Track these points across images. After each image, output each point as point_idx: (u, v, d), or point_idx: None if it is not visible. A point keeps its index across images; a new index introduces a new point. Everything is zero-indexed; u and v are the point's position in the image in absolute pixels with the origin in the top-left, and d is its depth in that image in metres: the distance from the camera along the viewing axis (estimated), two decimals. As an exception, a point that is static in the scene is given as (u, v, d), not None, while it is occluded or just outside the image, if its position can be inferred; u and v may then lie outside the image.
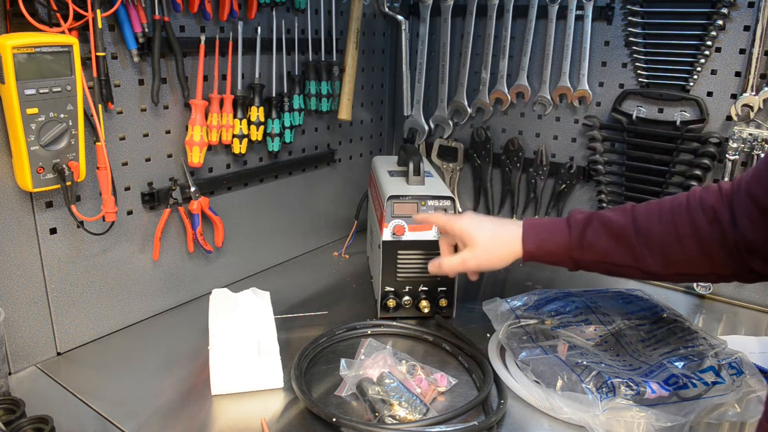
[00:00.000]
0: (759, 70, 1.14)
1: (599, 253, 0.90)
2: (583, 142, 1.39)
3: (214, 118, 1.13)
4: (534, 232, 0.94)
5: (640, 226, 0.87)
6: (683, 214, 0.85)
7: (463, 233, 0.98)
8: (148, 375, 0.97)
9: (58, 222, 0.97)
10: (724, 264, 0.83)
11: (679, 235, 0.84)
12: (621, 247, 0.88)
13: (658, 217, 0.87)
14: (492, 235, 0.96)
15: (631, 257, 0.88)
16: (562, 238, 0.92)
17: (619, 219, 0.89)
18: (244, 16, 1.17)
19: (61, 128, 0.88)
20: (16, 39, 0.81)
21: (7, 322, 0.93)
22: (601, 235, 0.90)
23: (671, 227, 0.85)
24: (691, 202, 0.85)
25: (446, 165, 1.60)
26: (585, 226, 0.91)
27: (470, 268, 0.98)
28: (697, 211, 0.84)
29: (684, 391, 0.85)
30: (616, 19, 1.29)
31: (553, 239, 0.93)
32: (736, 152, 1.18)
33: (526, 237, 0.94)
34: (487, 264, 0.96)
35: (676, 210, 0.86)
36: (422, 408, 0.85)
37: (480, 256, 0.96)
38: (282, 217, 1.40)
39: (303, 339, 1.05)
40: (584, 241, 0.91)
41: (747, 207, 0.79)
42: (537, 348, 0.96)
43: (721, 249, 0.82)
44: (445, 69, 1.49)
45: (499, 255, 0.95)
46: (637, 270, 0.89)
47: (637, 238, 0.87)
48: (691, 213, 0.84)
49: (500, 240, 0.95)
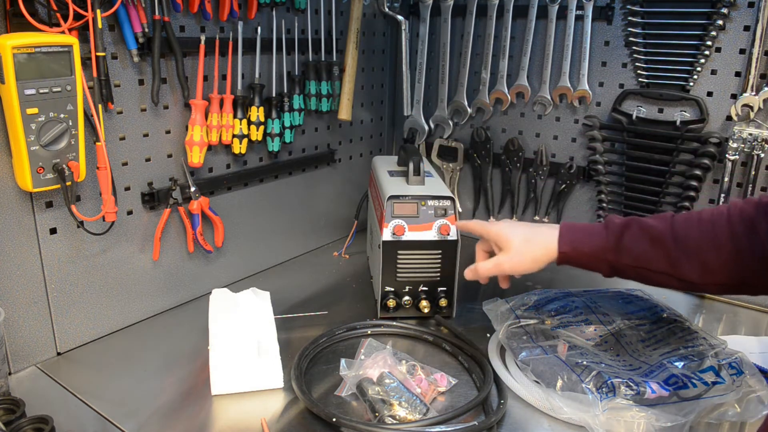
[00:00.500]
0: (759, 70, 1.14)
1: (636, 258, 0.90)
2: (583, 142, 1.39)
3: (214, 118, 1.13)
4: (570, 234, 0.95)
5: (679, 233, 0.87)
6: (723, 223, 0.85)
7: (499, 237, 0.99)
8: (148, 375, 0.97)
9: (58, 222, 0.97)
10: (757, 275, 0.83)
11: (717, 244, 0.85)
12: (658, 252, 0.88)
13: (697, 224, 0.87)
14: (526, 238, 0.97)
15: (668, 263, 0.88)
16: (598, 240, 0.92)
17: (658, 225, 0.89)
18: (244, 16, 1.17)
19: (61, 128, 0.88)
20: (16, 39, 0.81)
21: (7, 322, 0.93)
22: (638, 240, 0.90)
23: (710, 235, 0.86)
24: (732, 212, 0.86)
25: (446, 165, 1.60)
26: (623, 230, 0.91)
27: (505, 271, 0.99)
28: (737, 221, 0.85)
29: (684, 391, 0.85)
30: (616, 19, 1.29)
31: (589, 241, 0.93)
32: (736, 152, 1.18)
33: (561, 238, 0.94)
34: (522, 266, 0.97)
35: (716, 219, 0.86)
36: (422, 408, 0.85)
37: (514, 258, 0.97)
38: (282, 217, 1.40)
39: (303, 339, 1.05)
40: (621, 245, 0.91)
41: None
42: (537, 348, 0.96)
43: (755, 260, 0.82)
44: (445, 69, 1.49)
45: (533, 257, 0.96)
46: (673, 278, 0.89)
47: (674, 245, 0.87)
48: (731, 222, 0.85)
49: (534, 242, 0.96)
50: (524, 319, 1.04)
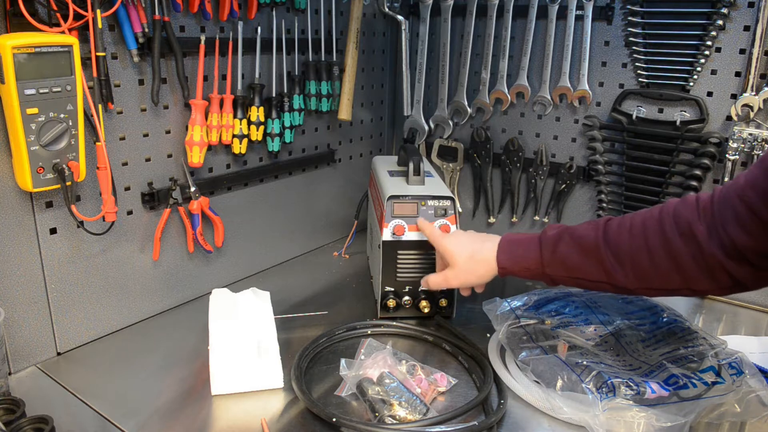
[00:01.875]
0: (759, 70, 1.14)
1: (571, 269, 0.90)
2: (583, 142, 1.39)
3: (214, 118, 1.13)
4: (508, 249, 0.96)
5: (611, 240, 0.86)
6: (654, 227, 0.83)
7: (446, 253, 1.02)
8: (148, 375, 0.97)
9: (58, 222, 0.97)
10: (696, 278, 0.81)
11: (649, 248, 0.83)
12: (591, 262, 0.88)
13: (628, 230, 0.85)
14: (470, 255, 0.99)
15: (603, 272, 0.87)
16: (533, 254, 0.93)
17: (590, 234, 0.88)
18: (244, 16, 1.17)
19: (61, 128, 0.88)
20: (16, 39, 0.81)
21: (7, 322, 0.93)
22: (571, 251, 0.89)
23: (641, 240, 0.84)
24: (664, 214, 0.84)
25: (446, 165, 1.60)
26: (556, 242, 0.91)
27: (453, 286, 1.04)
28: (669, 224, 0.82)
29: (684, 391, 0.85)
30: (616, 19, 1.29)
31: (526, 256, 0.94)
32: (736, 152, 1.18)
33: (500, 254, 0.96)
34: (468, 282, 1.02)
35: (647, 222, 0.84)
36: (422, 408, 0.85)
37: (460, 275, 1.00)
38: (282, 217, 1.40)
39: (303, 339, 1.05)
40: (555, 257, 0.91)
41: (738, 213, 0.77)
42: (537, 348, 0.97)
43: (693, 263, 0.80)
44: (445, 69, 1.49)
45: (477, 274, 0.99)
46: (609, 285, 0.88)
47: (607, 252, 0.86)
48: (663, 225, 0.83)
49: (477, 260, 0.98)
50: (524, 319, 1.04)
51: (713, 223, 0.79)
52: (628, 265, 0.85)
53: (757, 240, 0.76)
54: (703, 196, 0.82)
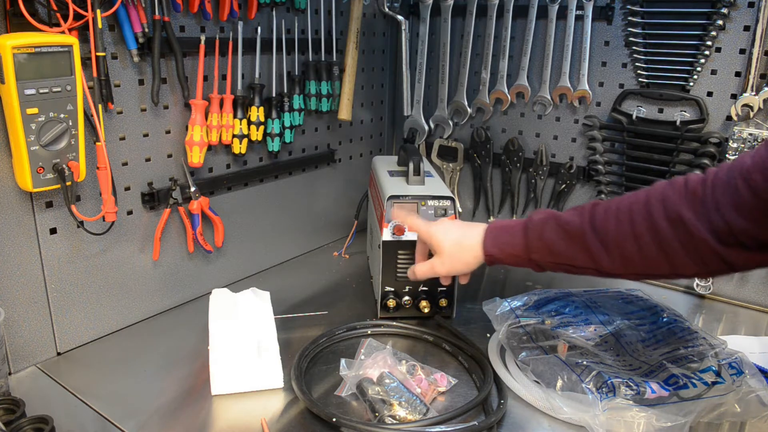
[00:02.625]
0: (759, 70, 1.14)
1: (557, 255, 0.88)
2: (583, 142, 1.39)
3: (214, 118, 1.13)
4: (494, 235, 0.95)
5: (597, 225, 0.84)
6: (641, 211, 0.81)
7: (431, 241, 1.00)
8: (148, 375, 0.97)
9: (58, 222, 0.97)
10: (684, 264, 0.79)
11: (636, 235, 0.81)
12: (577, 248, 0.86)
13: (615, 215, 0.83)
14: (457, 242, 0.97)
15: (589, 258, 0.85)
16: (519, 240, 0.91)
17: (575, 219, 0.86)
18: (244, 16, 1.17)
19: (61, 128, 0.88)
20: (16, 39, 0.81)
21: (7, 322, 0.93)
22: (557, 237, 0.88)
23: (628, 226, 0.81)
24: (651, 198, 0.81)
25: (446, 165, 1.60)
26: (542, 227, 0.89)
27: (440, 274, 1.02)
28: (656, 208, 0.80)
29: (684, 391, 0.85)
30: (616, 19, 1.29)
31: (511, 241, 0.92)
32: (736, 152, 1.18)
33: (486, 241, 0.95)
34: (454, 270, 1.00)
35: (634, 207, 0.82)
36: (422, 408, 0.85)
37: (446, 262, 0.99)
38: (282, 217, 1.40)
39: (303, 339, 1.05)
40: (541, 243, 0.89)
41: (741, 196, 0.73)
42: (537, 348, 0.97)
43: (682, 249, 0.78)
44: (445, 69, 1.49)
45: (464, 261, 0.97)
46: (594, 271, 0.86)
47: (593, 238, 0.84)
48: (650, 210, 0.80)
49: (463, 246, 0.97)
50: (524, 319, 1.04)
51: (704, 206, 0.76)
52: (614, 252, 0.83)
53: (757, 224, 0.73)
54: (692, 178, 0.79)
